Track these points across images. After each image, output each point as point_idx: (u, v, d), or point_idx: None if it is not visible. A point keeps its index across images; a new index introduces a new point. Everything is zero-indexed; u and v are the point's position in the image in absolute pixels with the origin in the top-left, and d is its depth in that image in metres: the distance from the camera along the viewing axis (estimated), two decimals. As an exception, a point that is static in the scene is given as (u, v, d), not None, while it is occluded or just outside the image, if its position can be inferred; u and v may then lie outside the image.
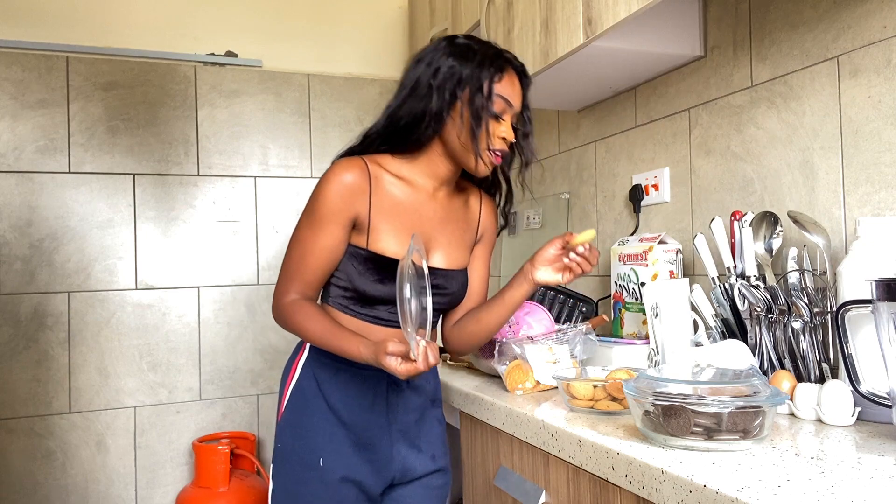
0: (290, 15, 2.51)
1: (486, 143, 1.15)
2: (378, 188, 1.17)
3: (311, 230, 1.16)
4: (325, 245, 1.15)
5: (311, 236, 1.16)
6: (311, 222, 1.16)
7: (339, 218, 1.15)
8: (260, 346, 2.41)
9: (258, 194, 2.43)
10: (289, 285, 1.18)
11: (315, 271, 1.17)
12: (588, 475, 0.96)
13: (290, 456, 1.19)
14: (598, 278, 1.92)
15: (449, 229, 1.25)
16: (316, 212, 1.15)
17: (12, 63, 2.15)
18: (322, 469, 1.16)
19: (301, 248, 1.17)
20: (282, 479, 1.20)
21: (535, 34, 1.57)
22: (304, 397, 1.20)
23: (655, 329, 1.20)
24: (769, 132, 1.37)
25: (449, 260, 1.24)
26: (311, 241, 1.16)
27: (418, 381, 1.24)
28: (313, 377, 1.21)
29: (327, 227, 1.15)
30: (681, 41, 1.51)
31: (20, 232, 2.15)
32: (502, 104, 1.15)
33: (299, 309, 1.15)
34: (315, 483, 1.16)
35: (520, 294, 1.22)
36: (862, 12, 1.17)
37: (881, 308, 0.83)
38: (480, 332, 1.27)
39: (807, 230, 1.14)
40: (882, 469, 0.75)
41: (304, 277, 1.17)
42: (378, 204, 1.17)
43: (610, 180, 1.88)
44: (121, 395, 2.24)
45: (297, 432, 1.19)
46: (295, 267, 1.17)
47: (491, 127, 1.15)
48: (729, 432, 0.83)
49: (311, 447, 1.17)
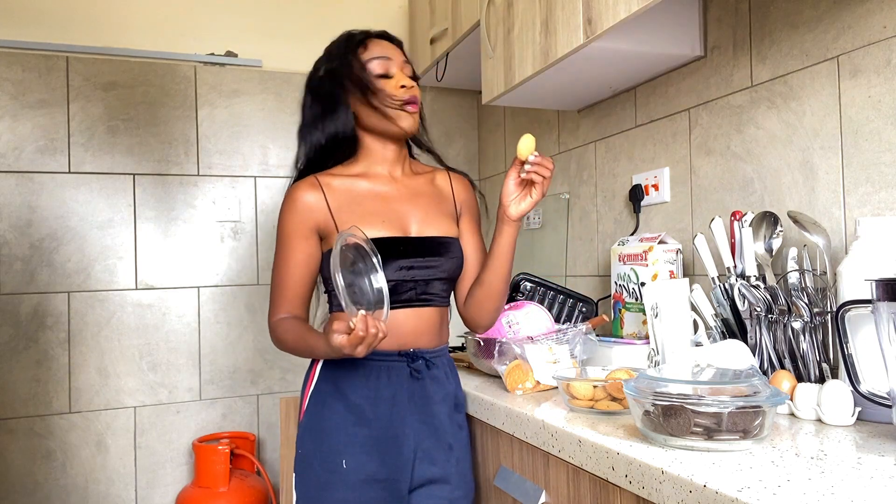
0: (290, 15, 2.51)
1: (392, 101, 1.21)
2: (331, 191, 1.24)
3: (281, 252, 1.24)
4: (297, 260, 1.23)
5: (283, 256, 1.24)
6: (280, 245, 1.25)
7: (301, 231, 1.22)
8: (260, 346, 2.41)
9: (258, 194, 2.43)
10: (275, 309, 1.25)
11: (295, 287, 1.24)
12: (588, 475, 0.96)
13: (311, 461, 1.18)
14: (598, 278, 1.92)
15: (422, 203, 1.29)
16: (281, 234, 1.24)
17: (12, 63, 2.15)
18: (345, 471, 1.15)
19: (279, 269, 1.25)
20: (304, 487, 1.19)
21: (535, 34, 1.57)
22: (323, 400, 1.21)
23: (655, 329, 1.20)
24: (769, 132, 1.37)
25: (429, 228, 1.26)
26: (283, 261, 1.24)
27: (437, 372, 1.24)
28: (331, 378, 1.21)
29: (292, 242, 1.23)
30: (681, 41, 1.51)
31: (20, 232, 2.15)
32: (381, 63, 1.23)
33: (279, 326, 1.23)
34: (339, 486, 1.15)
35: (506, 239, 1.22)
36: (862, 12, 1.17)
37: (881, 308, 0.83)
38: (488, 294, 1.27)
39: (807, 230, 1.14)
40: (882, 469, 0.75)
41: (287, 295, 1.24)
42: (336, 204, 1.23)
43: (610, 180, 1.88)
44: (121, 395, 2.24)
45: (317, 436, 1.19)
46: (278, 287, 1.25)
47: (384, 85, 1.22)
48: (729, 432, 0.83)
49: (332, 449, 1.17)
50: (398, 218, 1.25)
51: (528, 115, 2.27)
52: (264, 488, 2.17)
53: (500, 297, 1.28)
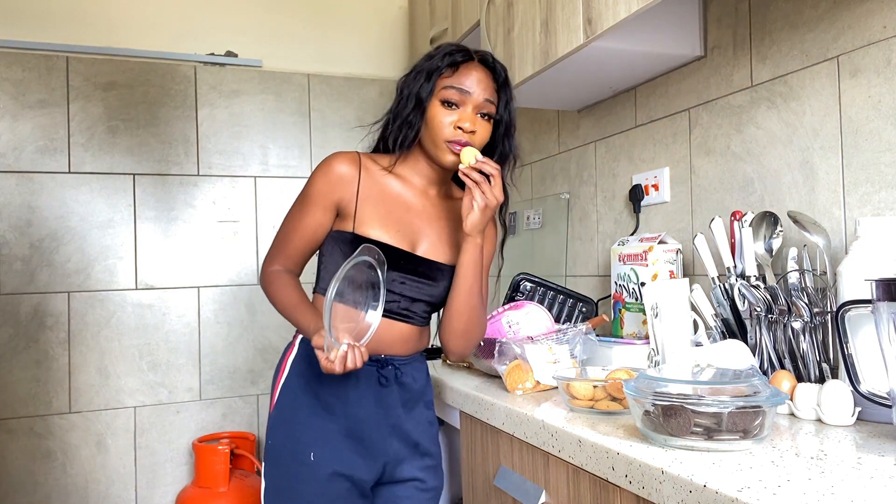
0: (290, 15, 2.51)
1: (439, 132, 1.19)
2: (367, 177, 1.24)
3: (298, 209, 1.25)
4: (308, 224, 1.24)
5: (298, 215, 1.25)
6: (300, 202, 1.25)
7: (324, 201, 1.22)
8: (260, 346, 2.41)
9: (258, 194, 2.43)
10: (274, 256, 1.27)
11: (297, 248, 1.25)
12: (588, 475, 0.96)
13: (281, 452, 1.20)
14: (598, 278, 1.92)
15: (439, 226, 1.28)
16: (305, 194, 1.25)
17: (12, 63, 2.15)
18: (313, 464, 1.17)
19: (289, 224, 1.26)
20: (273, 476, 1.21)
21: (535, 34, 1.57)
22: (294, 394, 1.22)
23: (655, 329, 1.20)
24: (769, 132, 1.37)
25: (435, 252, 1.26)
26: (297, 219, 1.25)
27: (405, 379, 1.26)
28: (302, 374, 1.22)
29: (312, 207, 1.23)
30: (681, 41, 1.51)
31: (20, 232, 2.15)
32: (455, 94, 1.19)
33: (276, 279, 1.24)
34: (307, 478, 1.17)
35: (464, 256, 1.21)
36: (862, 12, 1.17)
37: (881, 308, 0.83)
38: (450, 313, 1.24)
39: (807, 230, 1.14)
40: (882, 469, 0.75)
41: (287, 252, 1.26)
42: (366, 191, 1.23)
43: (610, 180, 1.88)
44: (121, 395, 2.24)
45: (288, 428, 1.21)
46: (281, 241, 1.27)
47: (442, 116, 1.19)
48: (729, 432, 0.83)
49: (301, 442, 1.19)
50: (412, 232, 1.25)
51: (528, 115, 2.27)
52: (264, 488, 2.17)
53: (462, 317, 1.24)
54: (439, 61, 1.21)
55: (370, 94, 2.58)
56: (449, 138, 1.19)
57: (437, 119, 1.19)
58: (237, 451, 2.20)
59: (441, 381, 1.46)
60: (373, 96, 2.58)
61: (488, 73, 1.22)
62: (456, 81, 1.19)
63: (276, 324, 2.42)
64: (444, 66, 1.20)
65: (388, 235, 1.21)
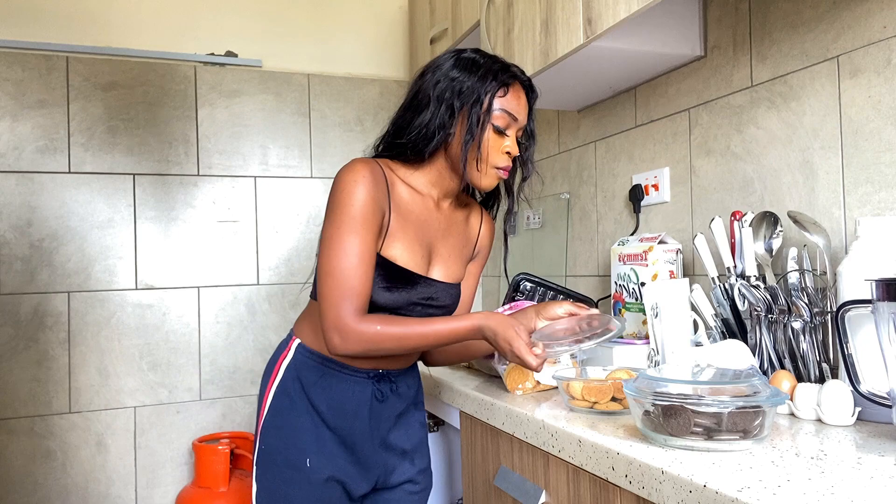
0: (290, 15, 2.51)
1: (489, 158, 1.15)
2: (394, 191, 1.17)
3: (349, 236, 1.07)
4: (368, 250, 1.08)
5: (358, 243, 1.07)
6: (348, 228, 1.07)
7: (377, 217, 1.11)
8: (260, 346, 2.41)
9: (258, 194, 2.43)
10: (346, 301, 1.06)
11: (365, 282, 1.08)
12: (588, 475, 0.96)
13: (275, 457, 1.18)
14: (598, 278, 1.92)
15: (450, 242, 1.25)
16: (350, 216, 1.08)
17: (12, 63, 2.15)
18: (309, 469, 1.16)
19: (345, 258, 1.06)
20: (267, 481, 1.19)
21: (535, 34, 1.57)
22: (290, 398, 1.19)
23: (655, 329, 1.20)
24: (769, 132, 1.37)
25: (447, 273, 1.24)
26: (353, 247, 1.07)
27: (401, 389, 1.25)
28: (297, 378, 1.20)
29: (369, 228, 1.09)
30: (681, 41, 1.51)
31: (20, 232, 2.15)
32: (506, 119, 1.15)
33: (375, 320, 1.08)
34: (302, 483, 1.16)
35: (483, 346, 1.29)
36: (862, 12, 1.17)
37: (881, 308, 0.83)
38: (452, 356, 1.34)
39: (807, 230, 1.14)
40: (882, 469, 0.75)
41: (364, 289, 1.08)
42: (395, 207, 1.16)
43: (610, 180, 1.88)
44: (121, 395, 2.24)
45: (283, 433, 1.18)
46: (347, 280, 1.06)
47: (493, 142, 1.15)
48: (729, 432, 0.83)
49: (297, 448, 1.17)
50: (428, 253, 1.21)
51: (528, 115, 2.27)
52: (264, 488, 2.17)
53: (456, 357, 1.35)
54: (493, 79, 1.13)
55: (370, 94, 2.58)
56: (499, 165, 1.16)
57: (491, 144, 1.14)
58: (237, 451, 2.20)
59: (441, 381, 1.46)
60: (373, 96, 2.58)
61: (525, 94, 1.19)
62: (508, 105, 1.14)
63: (276, 324, 2.43)
64: (498, 86, 1.14)
65: (412, 259, 1.17)
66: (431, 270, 1.22)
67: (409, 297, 1.17)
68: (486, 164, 1.15)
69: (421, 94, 1.16)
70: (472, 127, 1.12)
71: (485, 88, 1.13)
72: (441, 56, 1.20)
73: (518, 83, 1.18)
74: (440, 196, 1.24)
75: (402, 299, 1.16)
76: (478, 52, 1.19)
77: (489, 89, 1.13)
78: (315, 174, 2.50)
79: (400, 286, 1.15)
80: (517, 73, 1.18)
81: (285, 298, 2.44)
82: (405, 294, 1.16)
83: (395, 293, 1.14)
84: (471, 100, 1.13)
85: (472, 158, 1.14)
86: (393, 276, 1.14)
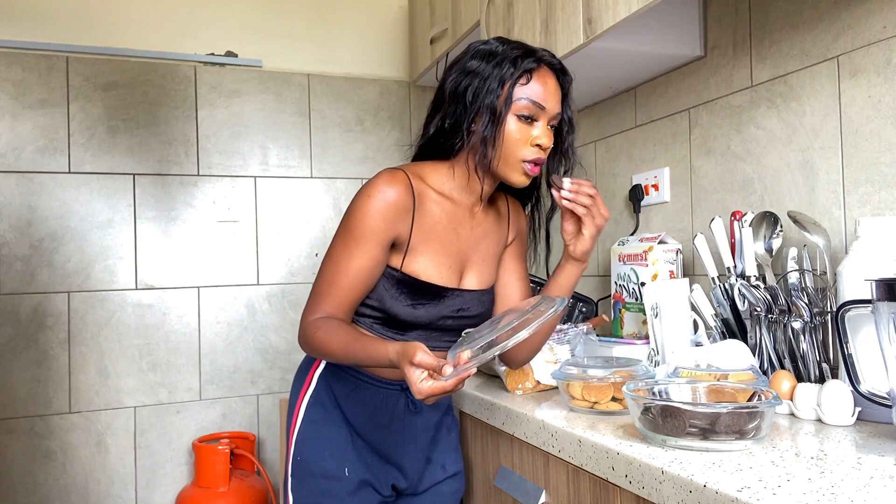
0: (290, 15, 2.51)
1: (514, 152, 1.07)
2: (421, 207, 1.10)
3: (346, 249, 1.07)
4: (361, 266, 1.06)
5: (346, 256, 1.06)
6: (347, 241, 1.07)
7: (380, 238, 1.06)
8: (260, 346, 2.41)
9: (258, 194, 2.43)
10: (316, 307, 1.08)
11: (348, 293, 1.07)
12: (588, 475, 0.96)
13: (312, 468, 1.16)
14: (598, 278, 1.92)
15: (483, 246, 1.19)
16: (354, 229, 1.06)
17: (12, 63, 2.15)
18: (347, 478, 1.15)
19: (334, 267, 1.08)
20: (303, 492, 1.17)
21: (535, 34, 1.57)
22: (324, 408, 1.17)
23: (655, 329, 1.20)
24: (769, 132, 1.37)
25: (481, 279, 1.19)
26: (345, 261, 1.06)
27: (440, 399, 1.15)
28: (330, 389, 1.18)
29: (365, 246, 1.06)
30: (681, 41, 1.51)
31: (20, 232, 2.15)
32: (531, 108, 1.06)
33: (322, 325, 1.06)
34: (340, 493, 1.15)
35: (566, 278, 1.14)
36: (862, 12, 1.17)
37: (881, 308, 0.83)
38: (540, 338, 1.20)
39: (807, 230, 1.14)
40: (882, 469, 0.75)
41: (335, 299, 1.07)
42: (420, 224, 1.10)
43: (610, 180, 1.88)
44: (121, 395, 2.24)
45: (319, 444, 1.16)
46: (325, 288, 1.08)
47: (520, 133, 1.07)
48: (725, 434, 0.83)
49: (335, 458, 1.16)
50: (459, 263, 1.15)
51: (528, 115, 2.27)
52: (264, 488, 2.17)
53: (547, 337, 1.21)
54: (512, 67, 1.06)
55: (370, 94, 2.58)
56: (527, 158, 1.07)
57: (514, 136, 1.06)
58: (237, 451, 2.20)
59: (441, 381, 1.46)
60: (373, 96, 2.58)
61: (557, 79, 1.11)
62: (532, 94, 1.06)
63: (276, 324, 2.43)
64: (518, 73, 1.06)
65: (439, 272, 1.12)
66: (464, 280, 1.17)
67: (438, 312, 1.12)
68: (514, 158, 1.08)
69: (443, 92, 1.11)
70: (490, 120, 1.06)
71: (501, 77, 1.06)
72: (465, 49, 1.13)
73: (545, 67, 1.09)
74: (474, 201, 1.17)
75: (431, 314, 1.12)
76: (499, 40, 1.11)
77: (506, 78, 1.05)
78: (315, 174, 2.50)
79: (426, 301, 1.11)
80: (544, 57, 1.09)
81: (285, 298, 2.44)
82: (433, 309, 1.12)
83: (421, 309, 1.11)
84: (484, 91, 1.06)
85: (496, 155, 1.07)
86: (418, 292, 1.10)
